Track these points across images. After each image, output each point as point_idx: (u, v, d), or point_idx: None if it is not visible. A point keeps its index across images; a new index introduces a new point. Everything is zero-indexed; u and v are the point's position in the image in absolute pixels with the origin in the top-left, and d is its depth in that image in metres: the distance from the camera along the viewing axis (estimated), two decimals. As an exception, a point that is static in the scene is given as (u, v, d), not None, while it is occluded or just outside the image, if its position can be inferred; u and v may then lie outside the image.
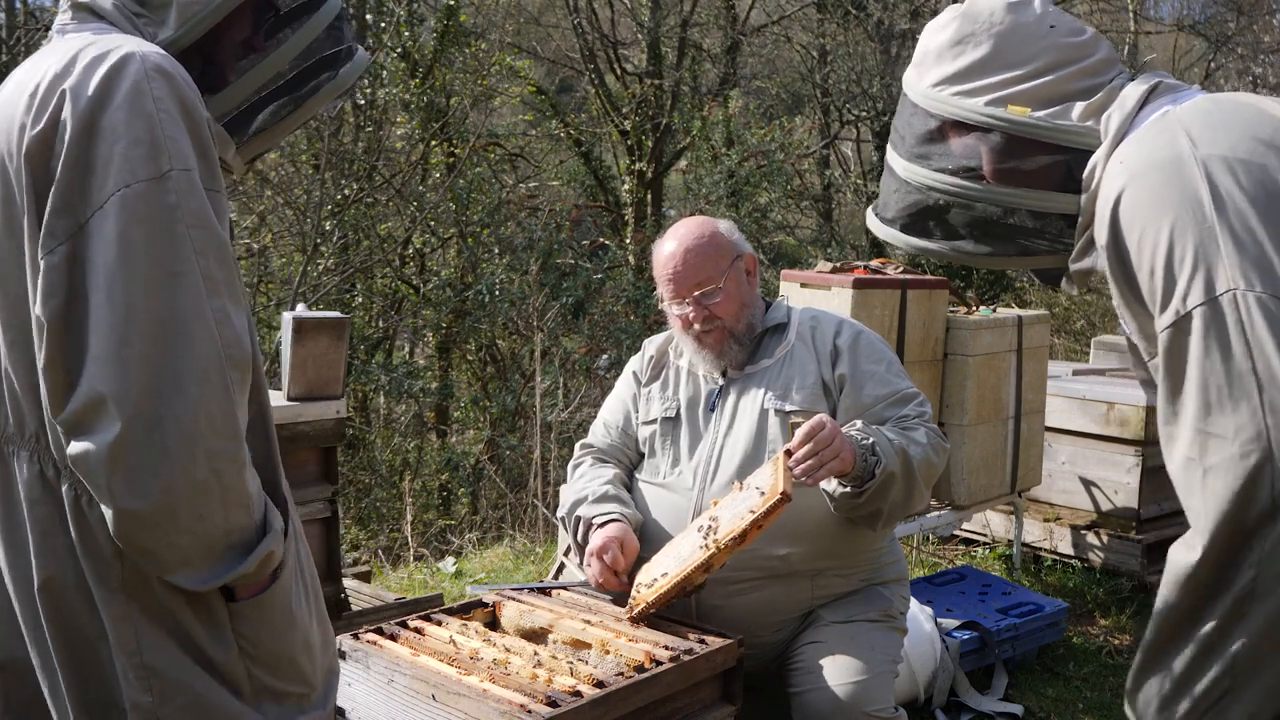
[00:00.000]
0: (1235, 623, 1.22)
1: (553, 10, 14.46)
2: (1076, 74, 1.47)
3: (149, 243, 1.30)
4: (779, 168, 11.65)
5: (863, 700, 2.21)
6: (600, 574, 2.36)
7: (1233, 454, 1.22)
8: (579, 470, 2.62)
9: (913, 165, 1.55)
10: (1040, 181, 1.48)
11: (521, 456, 8.69)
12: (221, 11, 1.49)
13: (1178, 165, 1.31)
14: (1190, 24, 15.51)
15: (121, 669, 1.41)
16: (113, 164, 1.31)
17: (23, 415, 1.43)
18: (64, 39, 1.49)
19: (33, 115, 1.35)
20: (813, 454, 2.12)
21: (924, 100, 1.53)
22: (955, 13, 1.53)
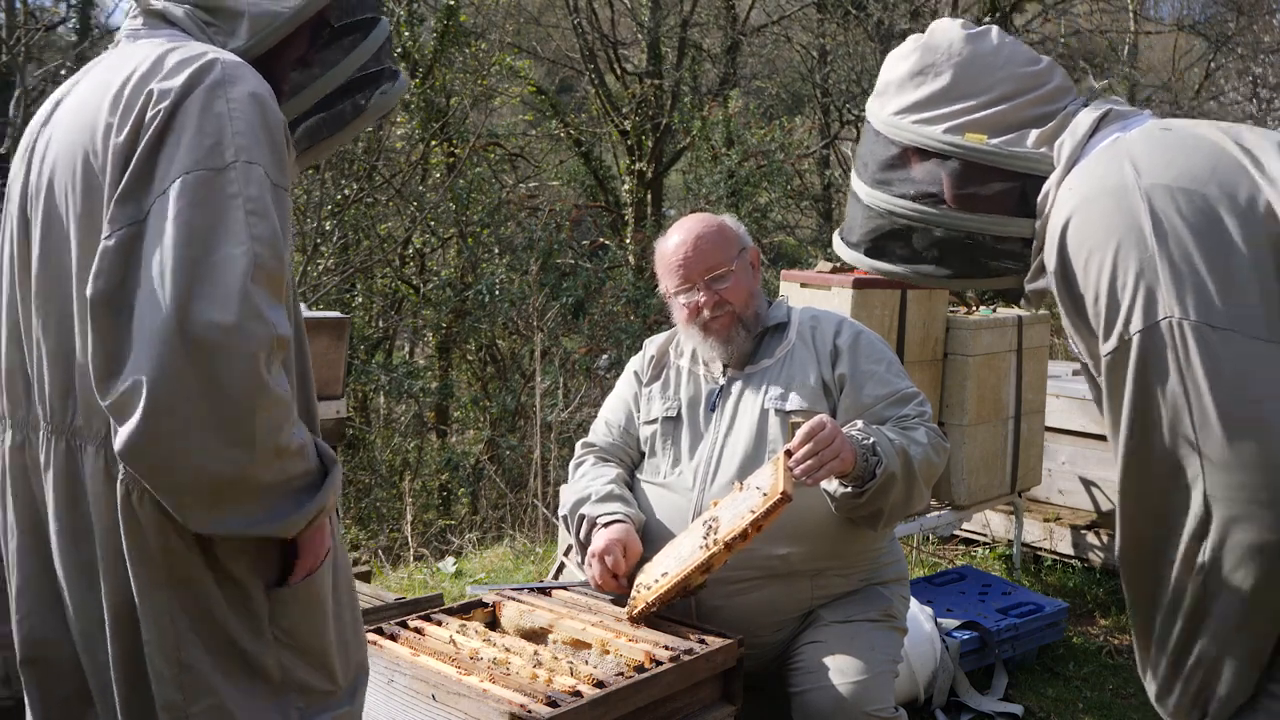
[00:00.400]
0: (1200, 626, 1.30)
1: (553, 10, 14.46)
2: (1032, 102, 1.53)
3: (206, 228, 1.33)
4: (779, 168, 11.66)
5: (863, 700, 2.21)
6: (600, 576, 2.36)
7: (1164, 475, 1.29)
8: (581, 469, 2.62)
9: (875, 191, 1.61)
10: (997, 206, 1.53)
11: (521, 456, 8.69)
12: (291, 26, 1.55)
13: (1122, 193, 1.35)
14: (1190, 24, 15.51)
15: (155, 669, 1.42)
16: (178, 153, 1.34)
17: (91, 409, 1.44)
18: (136, 44, 1.53)
19: (119, 115, 1.39)
20: (813, 454, 2.12)
21: (886, 128, 1.59)
22: (916, 43, 1.60)
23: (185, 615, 1.43)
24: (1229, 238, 1.28)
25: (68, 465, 1.48)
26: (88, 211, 1.42)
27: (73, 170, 1.44)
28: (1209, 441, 1.24)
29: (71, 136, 1.46)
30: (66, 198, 1.45)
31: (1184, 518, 1.28)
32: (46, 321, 1.48)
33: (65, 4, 10.67)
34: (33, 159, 1.54)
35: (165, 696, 1.42)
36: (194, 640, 1.43)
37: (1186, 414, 1.25)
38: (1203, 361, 1.24)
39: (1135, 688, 3.75)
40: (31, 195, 1.51)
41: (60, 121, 1.51)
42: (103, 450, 1.43)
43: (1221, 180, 1.32)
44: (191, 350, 1.28)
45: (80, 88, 1.52)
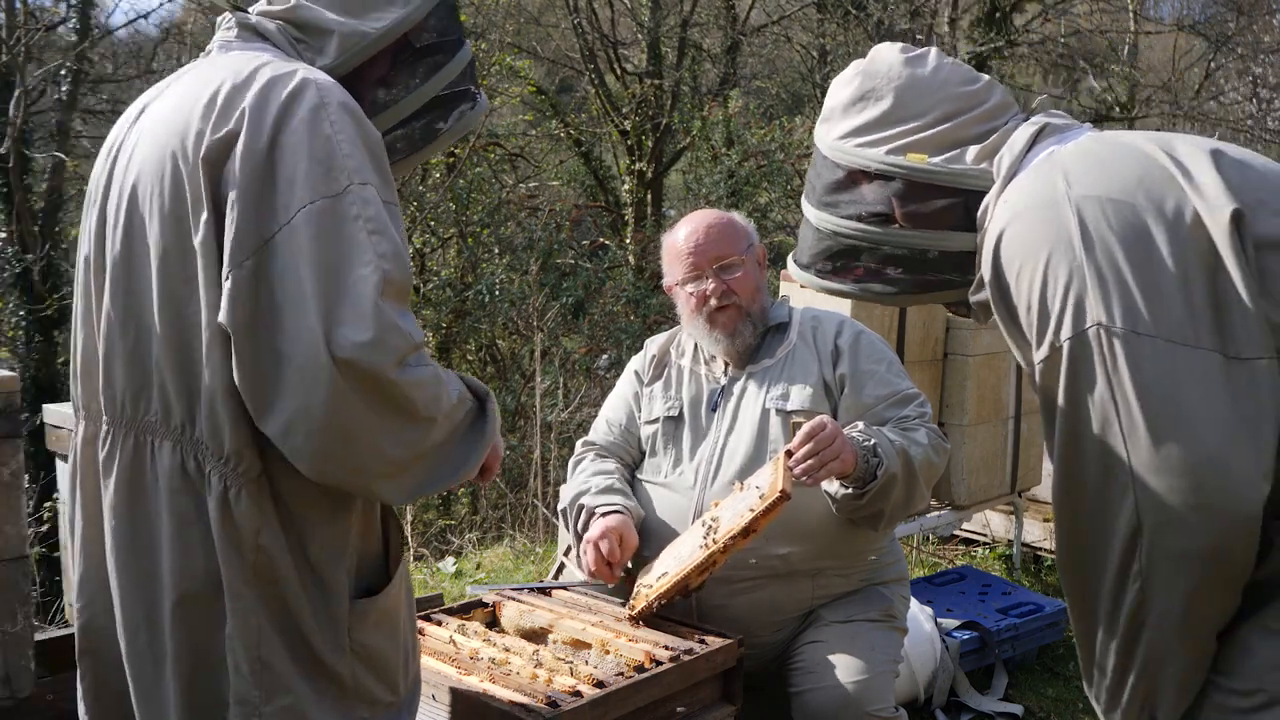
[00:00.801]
0: (1137, 632, 1.32)
1: (553, 10, 14.45)
2: (971, 120, 1.57)
3: (336, 254, 1.38)
4: (779, 168, 11.65)
5: (863, 700, 2.21)
6: (594, 562, 2.35)
7: (1096, 482, 1.31)
8: (581, 465, 2.61)
9: (822, 213, 1.66)
10: (940, 223, 1.57)
11: (521, 456, 8.68)
12: (379, 46, 1.59)
13: (1053, 205, 1.38)
14: (1190, 24, 15.51)
15: (234, 662, 1.44)
16: (296, 182, 1.38)
17: (170, 406, 1.46)
18: (228, 54, 1.57)
19: (212, 123, 1.42)
20: (813, 454, 2.12)
21: (831, 152, 1.64)
22: (858, 69, 1.64)
23: (270, 614, 1.45)
24: (1155, 246, 1.30)
25: (134, 460, 1.50)
26: (173, 215, 1.44)
27: (160, 175, 1.46)
28: (1137, 448, 1.26)
29: (160, 140, 1.48)
30: (150, 201, 1.47)
31: (1117, 525, 1.29)
32: (125, 319, 1.50)
33: (65, 4, 10.66)
34: (117, 160, 1.56)
35: (241, 692, 1.44)
36: (275, 640, 1.46)
37: (1115, 421, 1.28)
38: (1129, 368, 1.27)
39: (1135, 688, 3.75)
40: (113, 196, 1.54)
41: (148, 126, 1.53)
42: (179, 447, 1.46)
43: (1149, 190, 1.34)
44: (342, 371, 1.34)
45: (171, 93, 1.55)
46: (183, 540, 1.46)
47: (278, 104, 1.41)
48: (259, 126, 1.40)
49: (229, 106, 1.43)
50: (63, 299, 9.59)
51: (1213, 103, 14.86)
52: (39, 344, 9.48)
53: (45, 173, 10.40)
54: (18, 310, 9.36)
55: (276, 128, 1.40)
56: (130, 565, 1.51)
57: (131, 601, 1.52)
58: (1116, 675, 1.36)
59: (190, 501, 1.46)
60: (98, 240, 1.56)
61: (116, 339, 1.51)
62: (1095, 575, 1.34)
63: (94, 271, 1.56)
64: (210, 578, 1.46)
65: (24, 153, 9.43)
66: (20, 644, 2.33)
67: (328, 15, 1.58)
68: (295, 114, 1.41)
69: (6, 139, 9.09)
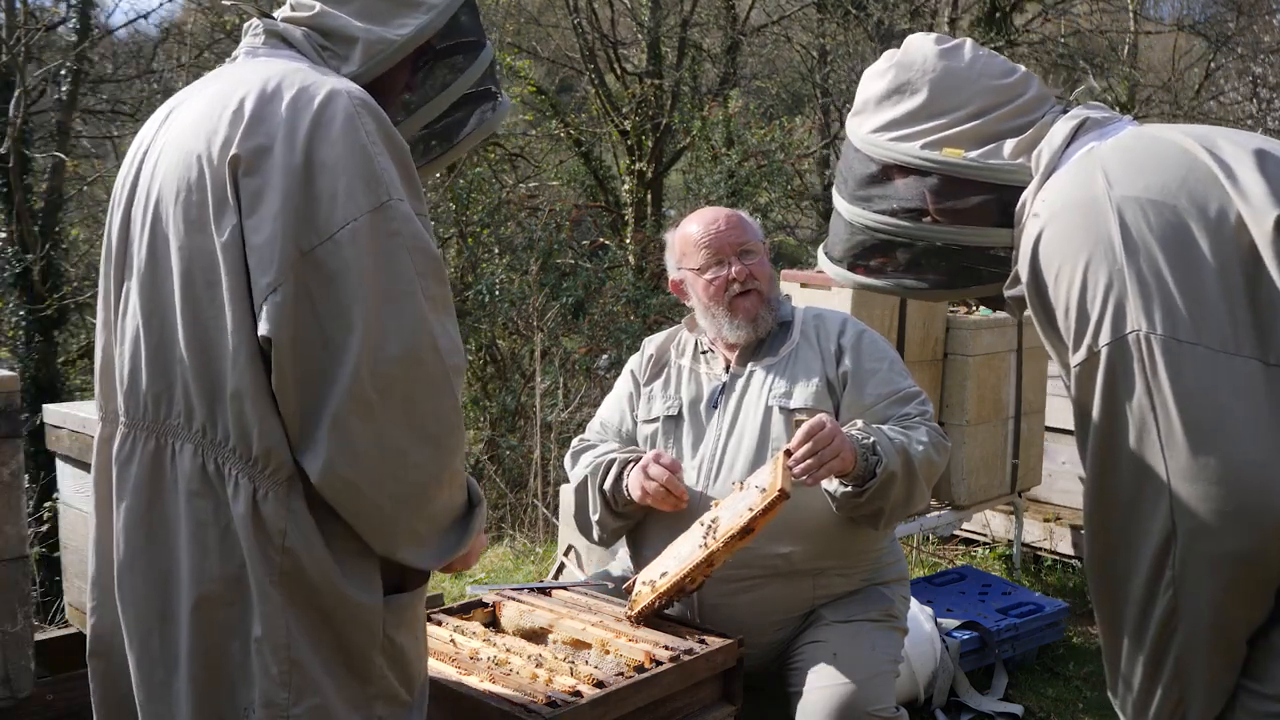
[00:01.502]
0: (1169, 639, 1.31)
1: (553, 10, 14.45)
2: (1008, 114, 1.55)
3: (376, 270, 1.39)
4: (779, 168, 11.65)
5: (864, 700, 2.21)
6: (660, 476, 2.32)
7: (1130, 487, 1.30)
8: (583, 457, 2.59)
9: (854, 207, 1.63)
10: (976, 218, 1.55)
11: (521, 456, 8.68)
12: (403, 53, 1.60)
13: (1093, 206, 1.36)
14: (1190, 24, 15.50)
15: (263, 664, 1.45)
16: (338, 198, 1.39)
17: (192, 408, 1.47)
18: (255, 60, 1.58)
19: (241, 131, 1.42)
20: (812, 453, 2.12)
21: (864, 146, 1.61)
22: (891, 60, 1.61)
23: (298, 615, 1.45)
24: (1198, 251, 1.29)
25: (154, 462, 1.50)
26: (198, 219, 1.45)
27: (185, 179, 1.47)
28: (1174, 454, 1.25)
29: (186, 145, 1.49)
30: (174, 204, 1.48)
31: (1151, 530, 1.29)
32: (149, 321, 1.51)
33: (65, 4, 10.65)
34: (143, 163, 1.56)
35: (269, 694, 1.44)
36: (304, 641, 1.46)
37: (1153, 426, 1.27)
38: (1169, 375, 1.26)
39: (1135, 688, 3.75)
40: (139, 199, 1.54)
41: (174, 130, 1.54)
42: (200, 449, 1.46)
43: (1192, 192, 1.33)
44: (385, 387, 1.39)
45: (199, 98, 1.55)
46: (199, 543, 1.47)
47: (310, 115, 1.42)
48: (293, 138, 1.41)
49: (258, 115, 1.43)
50: (62, 299, 9.59)
51: (1213, 103, 14.84)
52: (39, 344, 9.47)
53: (45, 173, 10.39)
54: (18, 310, 9.35)
55: (311, 139, 1.41)
56: (147, 568, 1.51)
57: (146, 604, 1.51)
58: (1145, 685, 1.35)
59: (208, 504, 1.46)
60: (120, 242, 1.56)
61: (141, 341, 1.51)
62: (1125, 583, 1.33)
63: (115, 273, 1.57)
64: (226, 581, 1.46)
65: (24, 153, 9.42)
66: (20, 644, 2.34)
67: (352, 23, 1.59)
68: (330, 126, 1.42)
69: (6, 139, 9.08)
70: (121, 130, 12.10)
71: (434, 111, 1.67)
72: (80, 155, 11.40)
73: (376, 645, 1.51)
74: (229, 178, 1.42)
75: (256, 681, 1.45)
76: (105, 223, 1.64)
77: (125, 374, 1.54)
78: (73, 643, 2.83)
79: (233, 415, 1.44)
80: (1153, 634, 1.31)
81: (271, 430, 1.43)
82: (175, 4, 19.74)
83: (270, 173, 1.41)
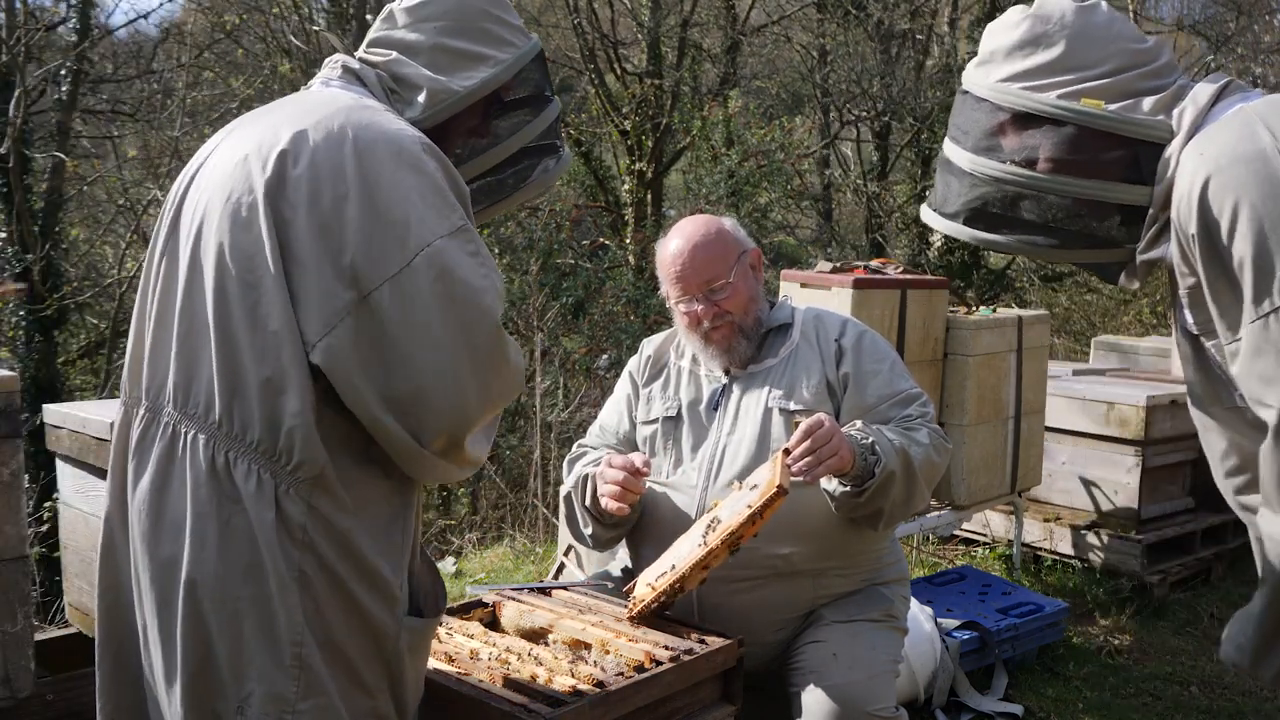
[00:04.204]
0: None
1: (553, 10, 14.46)
2: (1145, 74, 1.52)
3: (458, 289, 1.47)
4: (779, 168, 11.64)
5: (864, 700, 2.21)
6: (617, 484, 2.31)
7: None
8: (578, 463, 2.59)
9: (980, 158, 1.58)
10: (1108, 173, 1.52)
11: (521, 456, 8.68)
12: (463, 104, 1.69)
13: (1263, 159, 1.34)
14: (1190, 24, 15.49)
15: (276, 657, 1.47)
16: (411, 222, 1.46)
17: (212, 400, 1.49)
18: (328, 90, 1.67)
19: (306, 159, 1.48)
20: (810, 451, 2.11)
21: (994, 95, 1.57)
22: (1024, 13, 1.58)
23: (315, 614, 1.48)
24: None
25: (168, 448, 1.53)
26: (245, 222, 1.49)
27: (236, 184, 1.51)
28: None
29: (244, 154, 1.54)
30: (221, 206, 1.52)
31: None
32: (183, 312, 1.54)
33: (65, 4, 10.64)
34: (202, 168, 1.61)
35: (276, 687, 1.46)
36: (318, 640, 1.48)
37: None
38: None
39: (1135, 688, 3.75)
40: (189, 199, 1.59)
41: (235, 142, 1.59)
42: (212, 441, 1.49)
43: None
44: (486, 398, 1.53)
45: (268, 114, 1.62)
46: (197, 535, 1.48)
47: (380, 148, 1.49)
48: (362, 169, 1.47)
49: (324, 142, 1.49)
50: (62, 299, 9.59)
51: (1213, 103, 14.80)
52: (39, 344, 9.46)
53: (45, 173, 10.38)
54: (18, 310, 9.35)
55: (379, 170, 1.47)
56: (155, 551, 1.53)
57: (153, 585, 1.54)
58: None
59: (211, 497, 1.48)
60: (168, 238, 1.60)
61: (174, 330, 1.54)
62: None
63: (157, 266, 1.60)
64: (221, 577, 1.47)
65: (24, 153, 9.42)
66: (20, 644, 2.33)
67: (421, 71, 1.68)
68: (402, 158, 1.49)
69: (6, 139, 9.08)
70: (121, 130, 12.10)
71: (493, 160, 1.75)
72: (80, 155, 11.39)
73: (383, 660, 1.53)
74: (280, 189, 1.47)
75: (263, 675, 1.46)
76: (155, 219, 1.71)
77: (152, 360, 1.57)
78: (73, 643, 2.83)
79: (263, 413, 1.46)
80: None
81: (304, 431, 1.45)
82: (175, 4, 19.75)
83: (331, 201, 1.46)
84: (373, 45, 1.74)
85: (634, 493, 2.32)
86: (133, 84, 11.99)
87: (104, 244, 12.36)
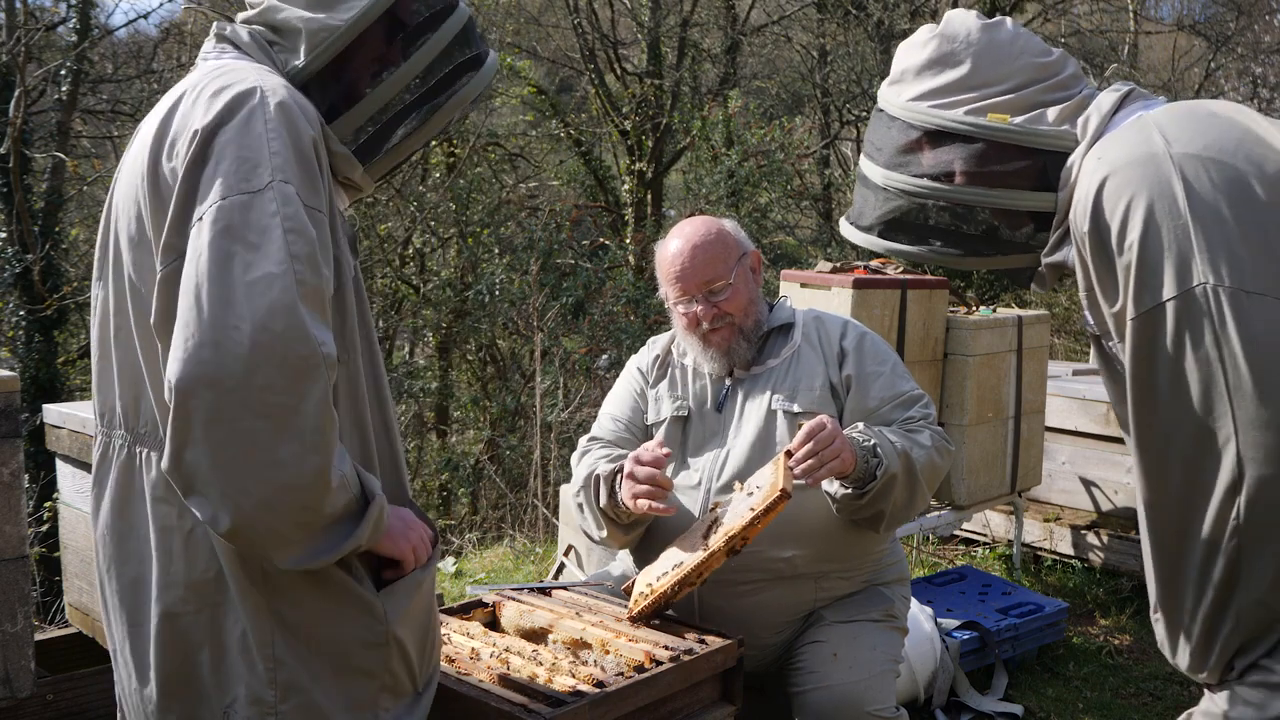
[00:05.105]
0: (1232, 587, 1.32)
1: (553, 10, 14.44)
2: (1049, 87, 1.58)
3: (240, 250, 1.33)
4: (779, 168, 11.63)
5: (864, 700, 2.21)
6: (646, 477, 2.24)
7: (1194, 439, 1.32)
8: (585, 457, 2.57)
9: (892, 173, 1.64)
10: (1017, 182, 1.57)
11: (521, 456, 8.69)
12: (346, 38, 1.55)
13: (1154, 161, 1.38)
14: (1190, 24, 15.50)
15: (249, 664, 1.46)
16: (216, 180, 1.37)
17: (156, 418, 1.49)
18: (204, 63, 1.58)
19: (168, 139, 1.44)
20: (813, 453, 2.11)
21: (905, 113, 1.63)
22: (932, 33, 1.63)
23: (283, 614, 1.46)
24: (1259, 205, 1.32)
25: (126, 467, 1.53)
26: (137, 235, 1.48)
27: (129, 195, 1.50)
28: (1243, 403, 1.27)
29: (135, 158, 1.51)
30: (122, 219, 1.51)
31: (1215, 481, 1.30)
32: (119, 331, 1.54)
33: (65, 4, 10.64)
34: (117, 179, 1.59)
35: (255, 692, 1.45)
36: (289, 639, 1.46)
37: (1221, 377, 1.29)
38: (1237, 326, 1.28)
39: (1135, 688, 3.75)
40: (110, 213, 1.58)
41: (135, 144, 1.57)
42: None
43: (1249, 153, 1.37)
44: (233, 367, 1.28)
45: (155, 110, 1.57)
46: (164, 549, 1.48)
47: (214, 115, 1.41)
48: (194, 141, 1.41)
49: (182, 122, 1.44)
50: (62, 299, 9.58)
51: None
52: (39, 344, 9.46)
53: (45, 173, 10.39)
54: (18, 310, 9.35)
55: (208, 136, 1.40)
56: (120, 574, 1.53)
57: (121, 606, 1.54)
58: (1206, 631, 1.36)
59: (172, 510, 1.47)
60: (100, 256, 1.59)
61: (113, 349, 1.54)
62: (1187, 535, 1.35)
63: (97, 300, 1.60)
64: (193, 587, 1.47)
65: (24, 153, 9.42)
66: (20, 644, 2.33)
67: (297, 13, 1.55)
68: (230, 120, 1.40)
69: (6, 139, 9.08)
70: (121, 130, 12.09)
71: (399, 84, 1.59)
72: (80, 155, 11.39)
73: (375, 640, 1.51)
74: (155, 187, 1.44)
75: (241, 681, 1.46)
76: None
77: (103, 381, 1.57)
78: (73, 643, 2.83)
79: None
80: (1217, 580, 1.33)
81: None
82: (175, 4, 19.73)
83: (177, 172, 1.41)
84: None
85: (666, 489, 2.27)
86: (133, 84, 11.98)
87: (104, 244, 12.35)
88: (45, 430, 2.83)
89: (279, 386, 1.29)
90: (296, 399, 1.31)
